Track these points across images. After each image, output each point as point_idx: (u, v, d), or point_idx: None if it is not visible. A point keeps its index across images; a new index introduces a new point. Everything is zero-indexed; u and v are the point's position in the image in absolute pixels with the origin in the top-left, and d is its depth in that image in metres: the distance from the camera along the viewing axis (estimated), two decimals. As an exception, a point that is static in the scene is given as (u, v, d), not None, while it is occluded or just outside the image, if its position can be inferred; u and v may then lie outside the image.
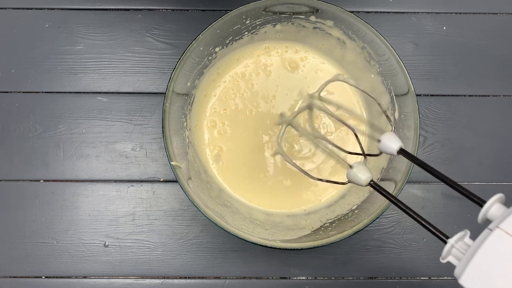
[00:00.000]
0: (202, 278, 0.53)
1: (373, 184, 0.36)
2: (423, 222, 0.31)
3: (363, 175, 0.36)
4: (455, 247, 0.29)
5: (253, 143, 0.52)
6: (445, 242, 0.29)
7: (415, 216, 0.31)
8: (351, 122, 0.53)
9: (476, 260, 0.26)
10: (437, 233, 0.30)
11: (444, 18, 0.59)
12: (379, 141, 0.36)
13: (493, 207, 0.29)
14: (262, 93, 0.53)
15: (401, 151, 0.35)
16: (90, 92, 0.57)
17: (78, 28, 0.58)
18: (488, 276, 0.25)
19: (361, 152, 0.39)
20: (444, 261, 0.29)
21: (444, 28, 0.58)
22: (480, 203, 0.29)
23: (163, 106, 0.45)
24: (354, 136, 0.52)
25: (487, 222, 0.29)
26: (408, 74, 0.45)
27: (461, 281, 0.26)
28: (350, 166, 0.37)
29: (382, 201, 0.44)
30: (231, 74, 0.54)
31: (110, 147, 0.55)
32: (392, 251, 0.54)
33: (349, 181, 0.38)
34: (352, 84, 0.40)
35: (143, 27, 0.58)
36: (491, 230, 0.27)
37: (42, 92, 0.56)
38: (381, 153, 0.38)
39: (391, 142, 0.36)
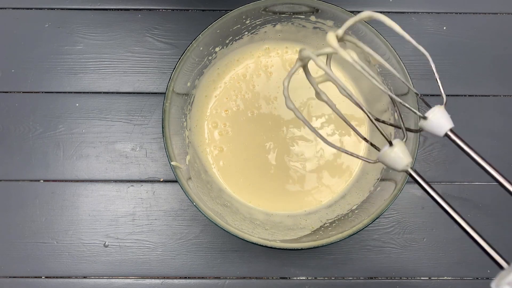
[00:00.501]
0: (202, 278, 0.53)
1: (412, 173, 0.29)
2: (478, 240, 0.26)
3: (406, 157, 0.29)
4: None
5: (254, 144, 0.52)
6: (501, 268, 0.24)
7: (468, 229, 0.26)
8: (353, 122, 0.53)
9: None
10: (495, 255, 0.25)
11: (444, 18, 0.59)
12: (424, 117, 0.30)
13: None
14: (264, 94, 0.53)
15: (451, 133, 0.29)
16: (90, 92, 0.57)
17: (78, 28, 0.58)
18: None
19: (399, 126, 0.32)
20: None
21: (444, 28, 0.58)
22: None
23: (163, 106, 0.45)
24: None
25: None
26: (408, 74, 0.45)
27: None
28: (390, 143, 0.30)
29: (382, 201, 0.44)
30: (231, 75, 0.54)
31: (110, 147, 0.55)
32: (392, 251, 0.54)
33: (380, 160, 0.31)
34: (388, 22, 0.32)
35: (143, 27, 0.58)
36: None
37: (42, 92, 0.56)
38: (421, 129, 0.31)
39: (442, 120, 0.29)
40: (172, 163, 0.44)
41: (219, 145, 0.52)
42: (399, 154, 0.29)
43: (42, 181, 0.55)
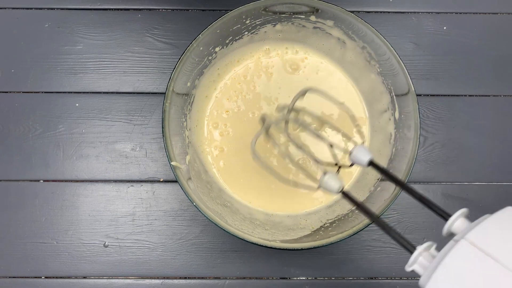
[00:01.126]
0: (202, 278, 0.53)
1: (344, 192, 0.36)
2: (391, 232, 0.31)
3: (336, 183, 0.37)
4: (422, 256, 0.29)
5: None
6: (411, 252, 0.29)
7: (384, 226, 0.32)
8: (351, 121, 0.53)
9: (441, 269, 0.26)
10: (404, 243, 0.30)
11: (444, 18, 0.59)
12: (350, 153, 0.38)
13: (457, 221, 0.29)
14: (264, 95, 0.53)
15: (371, 164, 0.37)
16: (90, 92, 0.57)
17: (78, 28, 0.58)
18: (453, 285, 0.26)
19: (334, 163, 0.40)
20: (409, 269, 0.29)
21: (444, 28, 0.58)
22: (445, 216, 0.30)
23: (163, 106, 0.45)
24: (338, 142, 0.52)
25: (452, 235, 0.29)
26: (408, 74, 0.45)
27: None
28: (324, 174, 0.37)
29: (382, 202, 0.44)
30: (232, 75, 0.54)
31: (110, 147, 0.55)
32: (392, 251, 0.54)
33: (321, 186, 0.38)
34: (323, 93, 0.41)
35: (143, 27, 0.58)
36: (456, 241, 0.27)
37: (42, 92, 0.56)
38: (352, 164, 0.39)
39: (362, 155, 0.37)
40: (172, 163, 0.44)
41: (220, 146, 0.52)
42: (329, 182, 0.37)
43: (42, 181, 0.55)
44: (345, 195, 0.36)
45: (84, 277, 0.53)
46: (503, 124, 0.57)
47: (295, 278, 0.53)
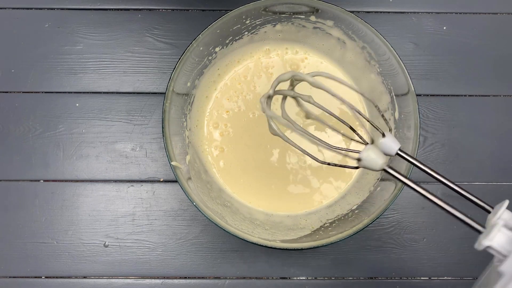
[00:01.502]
0: (202, 278, 0.53)
1: (388, 170, 0.34)
2: (452, 211, 0.31)
3: (381, 158, 0.34)
4: (501, 232, 0.28)
5: (255, 145, 0.52)
6: (478, 231, 0.29)
7: (444, 206, 0.32)
8: (356, 123, 0.53)
9: None
10: (470, 221, 0.30)
11: (444, 18, 0.59)
12: (383, 135, 0.36)
13: (504, 212, 0.29)
14: (264, 95, 0.53)
15: (400, 152, 0.36)
16: (90, 92, 0.57)
17: (78, 28, 0.58)
18: None
19: (367, 142, 0.37)
20: (484, 246, 0.28)
21: (444, 28, 0.58)
22: (486, 208, 0.30)
23: (163, 106, 0.45)
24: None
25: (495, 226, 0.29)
26: (408, 74, 0.45)
27: None
28: (368, 143, 0.35)
29: (382, 201, 0.44)
30: (232, 76, 0.54)
31: (110, 147, 0.55)
32: (392, 251, 0.54)
33: (360, 165, 0.35)
34: (340, 81, 0.40)
35: (143, 27, 0.58)
36: None
37: (42, 92, 0.56)
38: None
39: (392, 143, 0.35)
40: (172, 163, 0.44)
41: (220, 146, 0.52)
42: (374, 157, 0.33)
43: (42, 181, 0.55)
44: (389, 171, 0.33)
45: (84, 277, 0.53)
46: (503, 124, 0.57)
47: (295, 278, 0.53)
